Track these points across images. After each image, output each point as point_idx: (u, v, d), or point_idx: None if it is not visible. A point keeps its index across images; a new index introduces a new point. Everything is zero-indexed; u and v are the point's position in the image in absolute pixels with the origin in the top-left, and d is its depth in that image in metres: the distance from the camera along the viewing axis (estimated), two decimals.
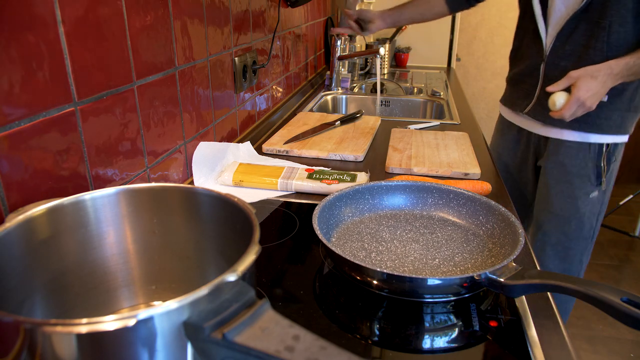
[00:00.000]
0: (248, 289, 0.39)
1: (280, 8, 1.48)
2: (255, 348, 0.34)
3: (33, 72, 0.58)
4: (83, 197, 0.54)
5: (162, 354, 0.37)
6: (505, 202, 0.97)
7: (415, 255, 0.73)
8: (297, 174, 1.02)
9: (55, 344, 0.35)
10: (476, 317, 0.63)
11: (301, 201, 0.97)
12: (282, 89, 1.65)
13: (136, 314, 0.35)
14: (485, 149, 1.29)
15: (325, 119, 1.47)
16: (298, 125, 1.41)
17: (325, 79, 1.99)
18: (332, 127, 1.39)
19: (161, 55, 0.86)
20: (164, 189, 0.58)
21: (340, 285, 0.70)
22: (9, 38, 0.55)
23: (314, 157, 1.21)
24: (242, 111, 1.30)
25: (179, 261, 0.60)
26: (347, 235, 0.79)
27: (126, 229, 0.58)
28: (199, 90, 1.03)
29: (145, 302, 0.60)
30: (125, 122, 0.78)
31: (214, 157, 1.06)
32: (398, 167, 1.11)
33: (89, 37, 0.67)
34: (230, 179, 1.02)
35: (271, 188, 1.01)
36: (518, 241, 0.68)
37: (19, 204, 0.58)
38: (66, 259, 0.53)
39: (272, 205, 0.96)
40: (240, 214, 0.52)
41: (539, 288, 0.61)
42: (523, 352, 0.57)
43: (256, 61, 1.34)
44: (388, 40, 2.37)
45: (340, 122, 1.41)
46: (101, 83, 0.71)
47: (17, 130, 0.57)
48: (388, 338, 0.60)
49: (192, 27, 0.97)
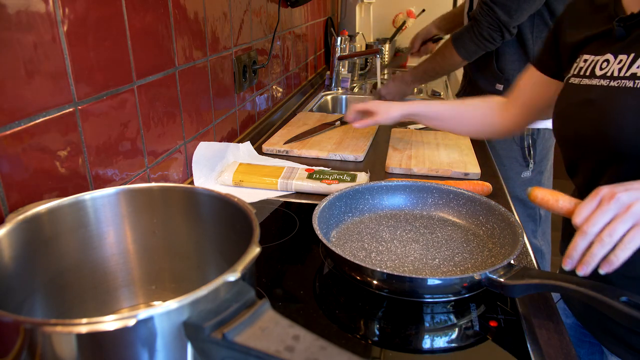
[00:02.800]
0: (248, 289, 0.39)
1: (280, 8, 1.48)
2: (255, 348, 0.34)
3: (33, 72, 0.58)
4: (83, 197, 0.54)
5: (162, 354, 0.37)
6: (505, 202, 0.97)
7: (415, 255, 0.73)
8: (297, 174, 1.02)
9: (55, 344, 0.35)
10: (476, 317, 0.63)
11: (301, 201, 0.97)
12: (282, 89, 1.65)
13: (136, 314, 0.34)
14: (485, 149, 1.29)
15: (325, 119, 1.47)
16: (298, 125, 1.41)
17: (325, 79, 1.99)
18: (332, 127, 1.39)
19: (161, 55, 0.86)
20: (164, 189, 0.58)
21: (340, 285, 0.70)
22: (9, 38, 0.55)
23: (314, 157, 1.21)
24: (242, 111, 1.30)
25: (179, 261, 0.60)
26: (347, 235, 0.79)
27: (126, 229, 0.58)
28: (199, 90, 1.03)
29: (145, 302, 0.60)
30: (125, 122, 0.78)
31: (213, 157, 1.06)
32: (398, 167, 1.11)
33: (89, 37, 0.67)
34: (230, 179, 1.02)
35: (271, 188, 1.01)
36: (518, 241, 0.68)
37: (19, 204, 0.58)
38: (66, 259, 0.53)
39: (272, 205, 0.96)
40: (240, 214, 0.52)
41: (539, 288, 0.61)
42: (523, 352, 0.57)
43: (256, 61, 1.34)
44: (388, 40, 2.37)
45: (340, 122, 1.41)
46: (101, 83, 0.71)
47: (17, 130, 0.57)
48: (388, 338, 0.60)
49: (192, 27, 0.97)
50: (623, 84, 0.63)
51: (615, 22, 0.66)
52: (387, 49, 2.34)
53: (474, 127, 1.03)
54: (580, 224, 0.56)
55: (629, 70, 0.63)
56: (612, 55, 0.66)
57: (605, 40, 0.69)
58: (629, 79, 0.63)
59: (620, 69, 0.65)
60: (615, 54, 0.66)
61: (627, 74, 0.63)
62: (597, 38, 0.71)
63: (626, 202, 0.53)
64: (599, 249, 0.54)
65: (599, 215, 0.54)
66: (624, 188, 0.55)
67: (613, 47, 0.67)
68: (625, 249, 0.52)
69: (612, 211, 0.54)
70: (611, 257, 0.53)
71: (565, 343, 0.59)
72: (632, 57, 0.63)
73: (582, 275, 0.55)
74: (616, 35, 0.66)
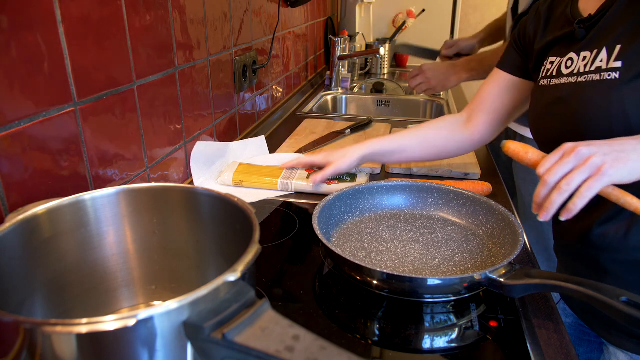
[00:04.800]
0: (248, 289, 0.39)
1: (280, 8, 1.48)
2: (255, 348, 0.34)
3: (33, 72, 0.58)
4: (83, 197, 0.54)
5: (162, 354, 0.37)
6: (505, 202, 0.97)
7: (415, 255, 0.73)
8: (297, 174, 1.02)
9: (55, 344, 0.35)
10: (476, 317, 0.63)
11: (301, 201, 0.97)
12: (282, 89, 1.65)
13: (136, 314, 0.34)
14: (485, 149, 1.28)
15: (333, 127, 1.41)
16: (305, 134, 1.36)
17: (325, 79, 1.99)
18: (343, 136, 1.33)
19: (161, 55, 0.86)
20: (164, 189, 0.58)
21: (340, 285, 0.70)
22: (9, 38, 0.55)
23: None
24: (242, 111, 1.30)
25: (179, 261, 0.60)
26: (347, 235, 0.79)
27: (126, 229, 0.58)
28: (199, 90, 1.03)
29: (145, 302, 0.60)
30: (125, 122, 0.78)
31: (213, 156, 1.06)
32: (398, 167, 1.11)
33: (89, 37, 0.67)
34: (230, 179, 1.02)
35: (271, 188, 1.01)
36: (518, 241, 0.68)
37: (19, 204, 0.58)
38: (66, 259, 0.53)
39: (272, 205, 0.96)
40: (240, 214, 0.52)
41: (539, 288, 0.61)
42: (523, 352, 0.57)
43: (256, 61, 1.34)
44: (388, 40, 2.37)
45: (350, 131, 1.36)
46: (101, 83, 0.71)
47: (17, 130, 0.57)
48: (388, 338, 0.60)
49: (192, 27, 0.97)
50: (590, 78, 0.66)
51: (576, 24, 0.70)
52: (387, 49, 2.33)
53: (443, 149, 0.96)
54: (543, 173, 0.59)
55: (593, 65, 0.67)
56: (575, 54, 0.70)
57: (568, 41, 0.73)
58: (594, 72, 0.66)
59: (585, 65, 0.68)
60: (578, 52, 0.70)
61: (593, 69, 0.66)
62: (560, 41, 0.75)
63: (586, 154, 0.56)
64: (557, 197, 0.57)
65: (559, 166, 0.57)
66: (586, 143, 0.58)
67: (575, 46, 0.71)
68: (582, 197, 0.55)
69: (571, 163, 0.57)
70: (569, 205, 0.56)
71: (565, 343, 0.59)
72: (595, 52, 0.67)
73: (542, 220, 0.59)
74: (579, 36, 0.70)
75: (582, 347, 0.86)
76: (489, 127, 0.92)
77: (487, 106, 0.90)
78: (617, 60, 0.64)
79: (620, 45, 0.64)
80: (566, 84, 0.70)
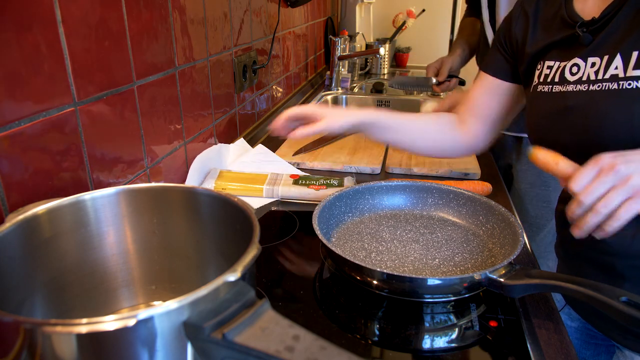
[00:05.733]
0: (248, 289, 0.39)
1: (280, 8, 1.48)
2: (255, 348, 0.34)
3: (33, 72, 0.58)
4: (83, 197, 0.54)
5: (162, 354, 0.37)
6: (505, 202, 0.97)
7: (415, 255, 0.73)
8: (283, 179, 0.99)
9: (55, 344, 0.35)
10: (476, 317, 0.63)
11: (299, 202, 0.97)
12: (282, 89, 1.65)
13: (136, 314, 0.34)
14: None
15: None
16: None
17: (325, 79, 1.99)
18: (343, 136, 1.32)
19: (161, 55, 0.86)
20: (164, 189, 0.58)
21: (340, 285, 0.70)
22: (9, 38, 0.55)
23: (328, 169, 1.14)
24: (242, 111, 1.30)
25: (179, 261, 0.60)
26: (347, 235, 0.79)
27: (126, 229, 0.58)
28: (199, 90, 1.03)
29: (145, 302, 0.60)
30: (125, 122, 0.78)
31: (207, 165, 1.04)
32: (398, 167, 1.11)
33: (89, 37, 0.67)
34: (212, 187, 0.98)
35: (257, 195, 0.98)
36: (518, 241, 0.68)
37: (19, 204, 0.58)
38: (66, 259, 0.53)
39: (272, 205, 0.96)
40: (240, 214, 0.52)
41: (539, 288, 0.61)
42: (523, 352, 0.57)
43: (256, 61, 1.34)
44: (388, 40, 2.37)
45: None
46: (101, 83, 0.71)
47: (17, 130, 0.57)
48: (388, 338, 0.60)
49: (192, 27, 0.97)
50: (606, 87, 0.63)
51: (578, 27, 0.66)
52: (387, 49, 2.33)
53: (438, 143, 0.91)
54: (578, 192, 0.55)
55: (607, 73, 0.63)
56: (581, 60, 0.66)
57: (568, 45, 0.69)
58: (610, 81, 0.62)
59: (596, 72, 0.64)
60: (584, 57, 0.66)
61: (607, 77, 0.63)
62: (559, 44, 0.71)
63: (625, 174, 0.53)
64: (593, 218, 0.55)
65: (596, 185, 0.54)
66: (624, 159, 0.54)
67: (579, 51, 0.67)
68: (619, 219, 0.53)
69: (609, 182, 0.54)
70: (605, 226, 0.55)
71: (565, 343, 0.59)
72: (606, 59, 0.63)
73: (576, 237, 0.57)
74: (584, 41, 0.66)
75: (589, 350, 0.85)
76: (480, 132, 0.88)
77: (475, 111, 0.87)
78: (636, 69, 0.60)
79: (637, 51, 0.60)
80: (575, 91, 0.66)
